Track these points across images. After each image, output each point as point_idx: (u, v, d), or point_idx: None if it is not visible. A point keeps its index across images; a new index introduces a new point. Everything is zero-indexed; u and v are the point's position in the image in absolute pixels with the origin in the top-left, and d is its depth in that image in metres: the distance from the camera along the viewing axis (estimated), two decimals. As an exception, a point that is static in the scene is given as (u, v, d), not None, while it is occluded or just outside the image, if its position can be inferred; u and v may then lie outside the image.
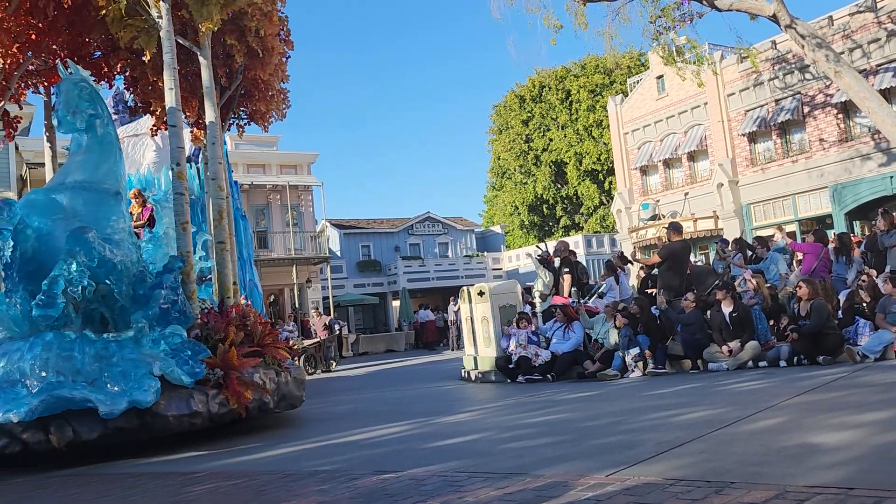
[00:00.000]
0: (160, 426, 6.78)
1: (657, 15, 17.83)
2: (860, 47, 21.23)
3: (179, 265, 7.98)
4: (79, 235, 6.93)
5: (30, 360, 6.54)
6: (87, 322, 7.18)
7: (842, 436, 4.21)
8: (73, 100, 7.84)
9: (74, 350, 6.70)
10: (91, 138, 7.91)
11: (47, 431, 6.31)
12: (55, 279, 6.73)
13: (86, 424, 6.39)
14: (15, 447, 6.29)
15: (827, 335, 8.92)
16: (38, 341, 6.70)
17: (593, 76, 43.09)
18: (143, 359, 6.91)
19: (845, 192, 22.05)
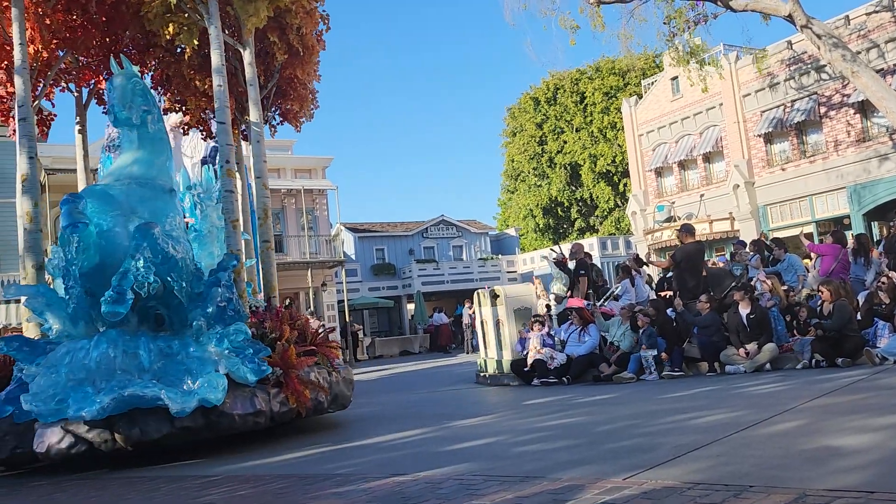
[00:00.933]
0: (226, 425, 6.68)
1: (672, 16, 17.76)
2: (877, 47, 21.04)
3: (234, 263, 7.80)
4: (145, 231, 6.80)
5: (96, 357, 6.41)
6: (142, 320, 7.07)
7: (862, 439, 4.17)
8: (128, 95, 7.68)
9: (139, 348, 6.59)
10: (143, 134, 7.75)
11: (114, 431, 6.20)
12: (125, 274, 6.57)
13: (152, 424, 6.28)
14: (81, 447, 6.19)
15: (847, 337, 8.83)
16: (102, 339, 6.59)
17: (608, 78, 42.95)
18: (209, 357, 6.81)
19: (863, 193, 21.83)
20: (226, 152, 9.08)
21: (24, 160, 8.50)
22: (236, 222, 9.01)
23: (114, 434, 6.20)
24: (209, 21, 9.27)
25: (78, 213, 6.79)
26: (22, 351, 6.78)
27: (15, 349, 6.79)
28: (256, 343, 7.31)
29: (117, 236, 6.97)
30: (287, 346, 7.45)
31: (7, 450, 6.52)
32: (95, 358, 6.41)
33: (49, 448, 6.19)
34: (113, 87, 7.74)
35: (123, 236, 6.96)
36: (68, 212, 6.77)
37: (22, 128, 8.52)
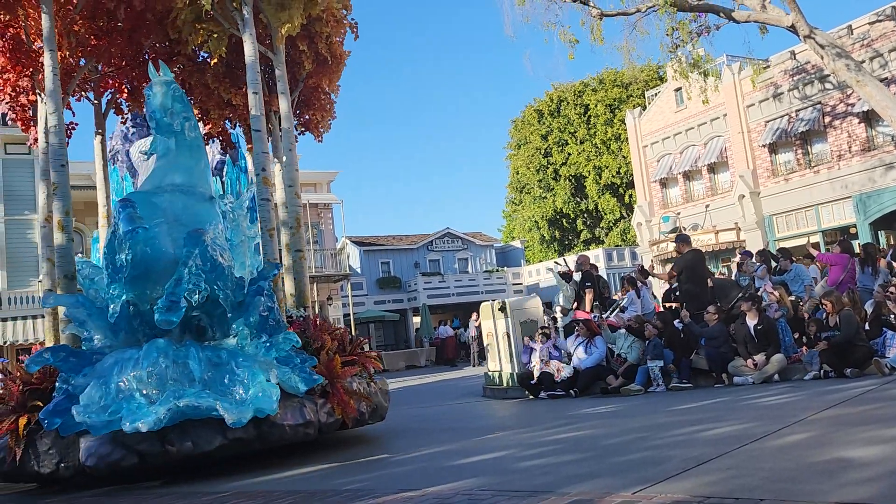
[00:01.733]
0: (277, 436, 6.53)
1: (674, 27, 17.80)
2: (881, 56, 21.05)
3: (275, 272, 7.65)
4: (196, 238, 6.63)
5: (146, 367, 6.23)
6: (184, 330, 6.87)
7: (873, 450, 4.14)
8: (168, 101, 7.54)
9: (189, 357, 6.41)
10: (181, 141, 7.55)
11: (164, 442, 6.03)
12: (178, 282, 6.41)
13: (204, 435, 6.12)
14: (132, 459, 6.03)
15: (856, 347, 8.79)
16: (151, 348, 6.39)
17: (611, 90, 43.05)
18: (259, 366, 6.63)
19: (869, 202, 21.77)
20: (262, 160, 8.97)
21: (56, 168, 8.22)
22: (272, 231, 8.89)
23: (165, 446, 6.04)
24: (244, 28, 9.10)
25: (137, 217, 6.59)
26: (69, 361, 6.60)
27: (62, 359, 6.60)
28: (301, 352, 7.16)
29: (162, 244, 6.77)
30: (332, 356, 7.33)
31: (51, 464, 6.26)
32: (146, 367, 6.23)
33: (99, 461, 6.01)
34: (152, 93, 7.57)
35: (168, 244, 6.78)
36: (128, 217, 6.55)
37: (54, 134, 8.30)
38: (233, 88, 11.25)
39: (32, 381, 6.72)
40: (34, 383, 6.71)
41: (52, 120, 8.36)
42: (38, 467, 6.24)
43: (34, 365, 6.59)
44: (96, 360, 6.63)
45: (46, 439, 6.30)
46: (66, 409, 6.21)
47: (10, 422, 6.37)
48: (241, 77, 11.34)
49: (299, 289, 9.54)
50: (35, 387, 6.68)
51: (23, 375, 6.89)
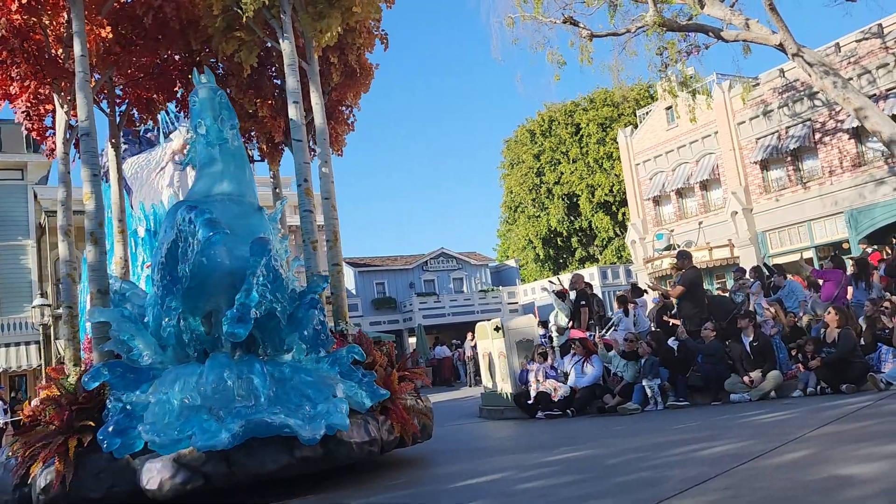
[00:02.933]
0: (344, 454, 6.21)
1: (663, 47, 17.98)
2: (868, 73, 21.28)
3: (323, 286, 7.36)
4: (263, 247, 6.31)
5: (212, 383, 5.93)
6: (236, 345, 6.57)
7: (870, 468, 4.14)
8: (217, 107, 7.26)
9: (254, 373, 6.12)
10: (225, 150, 7.22)
11: (229, 463, 5.69)
12: (249, 292, 6.08)
13: (270, 454, 5.78)
14: (197, 481, 5.65)
15: (852, 363, 8.80)
16: (214, 363, 6.11)
17: (602, 109, 43.38)
18: (324, 381, 6.37)
19: (861, 218, 21.90)
20: (303, 170, 8.73)
21: (87, 178, 7.78)
22: (316, 243, 8.71)
23: (230, 467, 5.69)
24: (282, 36, 8.78)
25: (216, 221, 6.16)
26: (126, 378, 6.18)
27: (119, 375, 6.16)
28: (358, 367, 6.93)
29: (217, 255, 6.39)
30: (390, 371, 7.13)
31: (102, 489, 5.79)
32: (211, 383, 5.92)
33: (162, 484, 5.64)
34: (199, 99, 7.30)
35: (224, 255, 6.42)
36: (207, 221, 6.10)
37: (85, 143, 7.80)
38: (258, 100, 10.90)
39: (79, 401, 6.20)
40: (80, 403, 6.21)
41: (84, 128, 7.90)
42: (89, 492, 5.79)
43: (92, 381, 6.11)
44: (154, 377, 6.25)
45: (98, 462, 5.86)
46: (125, 428, 5.84)
47: (57, 444, 5.89)
48: (266, 88, 11.02)
49: (337, 303, 9.26)
50: (82, 406, 6.19)
51: (67, 395, 6.41)
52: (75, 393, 6.34)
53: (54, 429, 6.05)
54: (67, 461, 5.81)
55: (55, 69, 8.99)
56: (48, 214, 26.26)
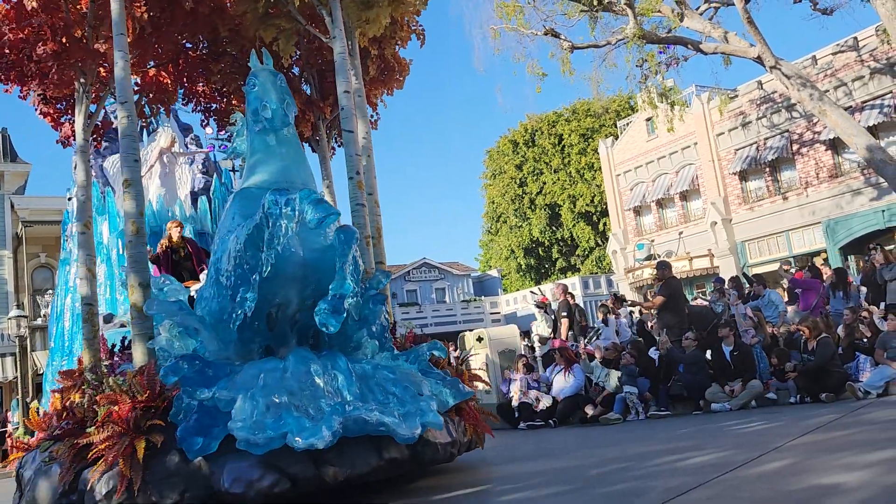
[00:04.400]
0: (429, 456, 5.88)
1: (643, 59, 18.16)
2: (845, 85, 21.60)
3: (385, 281, 7.01)
4: (351, 234, 5.92)
5: (298, 378, 5.55)
6: (300, 339, 6.24)
7: (850, 476, 4.16)
8: (280, 90, 6.83)
9: (337, 369, 5.77)
10: (281, 137, 6.81)
11: (317, 464, 5.30)
12: (343, 281, 5.70)
13: (360, 455, 5.41)
14: (284, 484, 5.22)
15: (830, 372, 8.88)
16: (297, 359, 5.74)
17: (584, 120, 43.67)
18: (407, 378, 6.02)
19: (838, 228, 22.18)
20: (354, 163, 8.35)
21: (129, 163, 7.20)
22: (369, 238, 8.33)
23: (319, 468, 5.30)
24: (332, 24, 8.40)
25: (327, 202, 5.73)
26: (204, 373, 5.70)
27: (197, 370, 5.69)
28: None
29: (291, 244, 6.02)
30: (461, 371, 6.87)
31: (174, 493, 5.32)
32: (298, 379, 5.55)
33: (248, 487, 5.17)
34: (260, 82, 6.83)
35: (295, 244, 6.06)
36: (317, 200, 5.64)
37: (125, 126, 7.25)
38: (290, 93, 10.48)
39: (143, 399, 5.70)
40: (146, 401, 5.70)
41: (123, 111, 7.22)
42: (160, 497, 5.30)
43: (172, 376, 5.65)
44: (231, 372, 5.82)
45: (167, 464, 5.37)
46: (207, 427, 5.41)
47: (124, 446, 5.35)
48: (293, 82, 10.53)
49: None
50: (147, 404, 5.66)
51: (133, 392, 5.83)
52: (131, 391, 5.74)
53: (118, 429, 5.47)
54: (135, 464, 5.28)
55: (81, 50, 8.47)
56: (25, 225, 25.96)
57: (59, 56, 8.36)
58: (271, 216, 5.69)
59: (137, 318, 6.61)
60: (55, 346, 15.70)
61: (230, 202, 6.75)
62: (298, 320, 6.25)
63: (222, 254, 6.20)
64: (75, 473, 5.60)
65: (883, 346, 8.92)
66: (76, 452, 5.64)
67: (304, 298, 6.17)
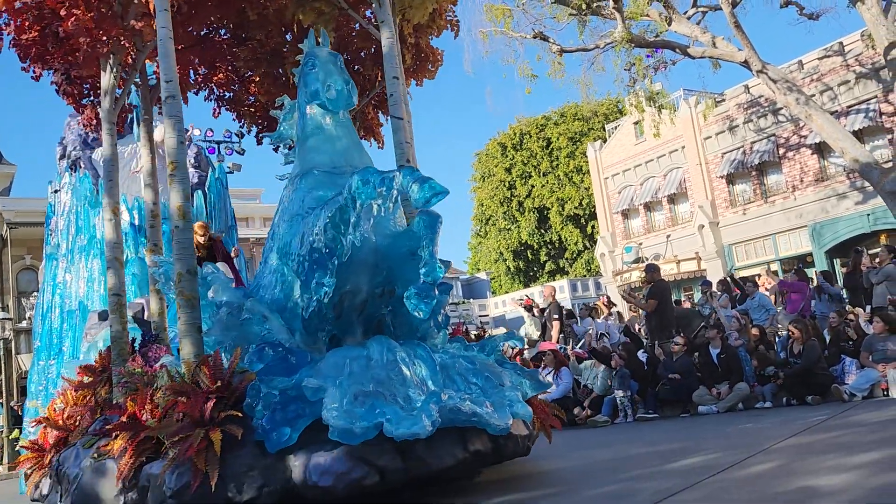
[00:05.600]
0: (510, 450, 5.65)
1: (631, 63, 18.28)
2: (830, 89, 21.79)
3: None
4: (435, 220, 5.66)
5: (384, 367, 5.33)
6: (367, 330, 6.02)
7: (837, 478, 4.19)
8: (341, 71, 6.51)
9: (419, 358, 5.54)
10: (337, 119, 6.52)
11: (405, 457, 5.01)
12: (432, 267, 5.49)
13: (445, 447, 5.11)
14: (373, 477, 4.91)
15: (816, 374, 8.94)
16: (380, 347, 5.52)
17: (572, 123, 43.80)
18: (487, 368, 5.79)
19: (824, 231, 22.35)
20: (404, 150, 8.20)
21: (173, 144, 6.80)
22: None
23: (406, 461, 5.01)
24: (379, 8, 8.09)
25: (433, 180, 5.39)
26: (287, 361, 5.46)
27: (280, 357, 5.45)
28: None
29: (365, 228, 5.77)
30: (527, 363, 6.78)
31: (251, 489, 4.96)
32: (384, 367, 5.32)
33: (337, 480, 4.86)
34: (321, 61, 6.51)
35: (369, 229, 5.78)
36: (423, 178, 5.38)
37: (169, 107, 6.82)
38: None
39: (214, 389, 5.33)
40: (217, 391, 5.33)
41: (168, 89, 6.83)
42: (235, 493, 4.94)
43: (258, 362, 5.42)
44: (311, 361, 5.58)
45: (242, 458, 5.03)
46: (293, 417, 5.10)
47: (199, 439, 5.00)
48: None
49: None
50: (219, 395, 5.29)
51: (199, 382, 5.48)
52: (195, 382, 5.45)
53: (188, 421, 5.14)
54: (211, 457, 4.94)
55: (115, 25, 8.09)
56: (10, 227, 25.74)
57: (90, 31, 7.88)
58: (359, 196, 5.34)
59: (185, 307, 6.15)
60: (41, 346, 15.40)
61: (294, 185, 6.35)
62: (364, 309, 5.99)
63: (291, 238, 5.89)
64: (135, 470, 5.27)
65: (868, 348, 8.98)
66: (135, 447, 5.32)
67: (374, 286, 5.93)
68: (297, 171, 6.45)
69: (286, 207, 6.26)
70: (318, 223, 5.52)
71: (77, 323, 14.54)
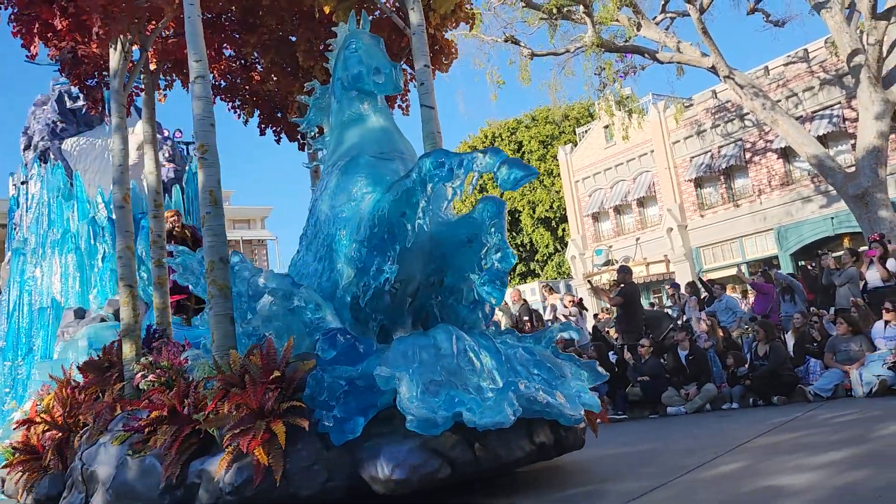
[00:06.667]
0: (571, 443, 5.49)
1: (601, 67, 18.44)
2: (795, 95, 22.20)
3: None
4: (500, 205, 5.46)
5: (453, 356, 5.04)
6: (415, 321, 5.80)
7: (802, 478, 4.25)
8: (385, 55, 6.26)
9: (484, 348, 5.27)
10: (376, 105, 6.29)
11: (475, 449, 4.80)
12: (507, 254, 5.32)
13: (512, 439, 4.92)
14: (445, 470, 4.67)
15: (782, 376, 9.07)
16: (446, 335, 5.19)
17: (543, 127, 44.01)
18: (547, 359, 5.59)
19: (789, 234, 22.74)
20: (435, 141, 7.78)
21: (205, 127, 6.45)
22: None
23: (475, 452, 4.79)
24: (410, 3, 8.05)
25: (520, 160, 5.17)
26: (355, 349, 5.12)
27: (349, 345, 5.11)
28: None
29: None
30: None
31: (315, 484, 4.69)
32: (454, 356, 5.04)
33: (412, 472, 4.60)
34: (365, 46, 6.23)
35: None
36: (511, 159, 5.13)
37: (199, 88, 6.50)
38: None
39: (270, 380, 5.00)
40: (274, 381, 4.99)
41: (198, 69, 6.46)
42: (298, 489, 4.66)
43: (331, 350, 5.07)
44: (377, 349, 5.27)
45: (305, 451, 4.75)
46: (366, 407, 4.83)
47: (262, 431, 4.70)
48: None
49: None
50: (278, 384, 4.99)
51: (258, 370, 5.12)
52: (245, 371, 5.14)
53: (247, 413, 4.84)
54: (274, 451, 4.65)
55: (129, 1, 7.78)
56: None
57: (106, 8, 7.47)
58: (431, 179, 5.09)
59: (218, 296, 5.84)
60: (7, 346, 14.80)
61: (340, 171, 6.03)
62: (415, 299, 5.76)
63: (344, 225, 5.63)
64: (181, 465, 4.96)
65: (832, 349, 9.14)
66: (181, 442, 4.99)
67: (427, 275, 5.71)
68: (340, 157, 6.13)
69: (333, 193, 5.94)
70: (380, 207, 5.25)
71: (50, 321, 13.82)
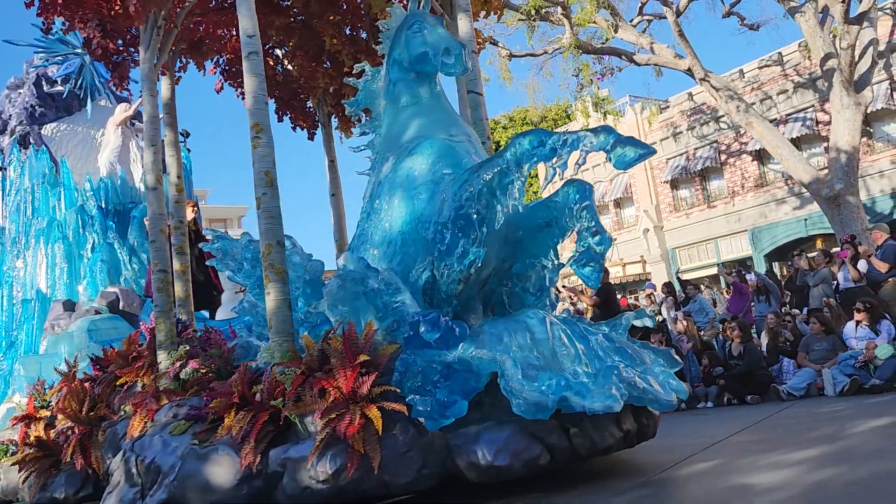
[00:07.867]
0: (651, 430, 5.34)
1: (578, 69, 18.55)
2: (770, 98, 22.48)
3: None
4: (590, 189, 5.38)
5: (548, 340, 4.91)
6: (485, 307, 5.64)
7: (775, 475, 4.29)
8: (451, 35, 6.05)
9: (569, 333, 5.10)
10: (433, 89, 6.10)
11: (569, 436, 4.64)
12: (604, 236, 5.16)
13: (602, 426, 4.76)
14: (545, 456, 4.54)
15: (756, 375, 9.18)
16: (538, 320, 5.00)
17: (521, 127, 44.12)
18: (626, 346, 5.41)
19: (763, 236, 23.03)
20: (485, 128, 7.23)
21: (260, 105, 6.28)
22: None
23: (570, 439, 4.64)
24: None
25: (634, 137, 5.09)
26: (452, 332, 4.88)
27: (447, 328, 4.86)
28: None
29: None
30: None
31: (410, 472, 4.52)
32: (549, 340, 4.92)
33: (514, 458, 4.47)
34: (430, 26, 5.98)
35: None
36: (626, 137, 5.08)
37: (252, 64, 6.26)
38: (360, 54, 9.07)
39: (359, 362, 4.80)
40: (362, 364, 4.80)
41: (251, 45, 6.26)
42: (393, 476, 4.50)
43: (434, 331, 4.81)
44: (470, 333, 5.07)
45: (399, 438, 4.57)
46: (470, 391, 4.65)
47: (358, 416, 4.49)
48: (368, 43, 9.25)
49: None
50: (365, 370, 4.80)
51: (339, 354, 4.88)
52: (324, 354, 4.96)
53: (337, 398, 4.64)
54: (370, 438, 4.46)
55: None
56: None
57: None
58: (528, 159, 4.97)
59: (276, 281, 5.66)
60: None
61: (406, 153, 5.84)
62: (486, 284, 5.59)
63: (423, 207, 5.45)
64: (258, 454, 4.75)
65: (805, 348, 9.27)
66: (260, 429, 4.79)
67: (501, 260, 5.54)
68: (408, 140, 5.93)
69: (405, 176, 5.75)
70: (468, 188, 5.06)
71: (35, 314, 13.17)
